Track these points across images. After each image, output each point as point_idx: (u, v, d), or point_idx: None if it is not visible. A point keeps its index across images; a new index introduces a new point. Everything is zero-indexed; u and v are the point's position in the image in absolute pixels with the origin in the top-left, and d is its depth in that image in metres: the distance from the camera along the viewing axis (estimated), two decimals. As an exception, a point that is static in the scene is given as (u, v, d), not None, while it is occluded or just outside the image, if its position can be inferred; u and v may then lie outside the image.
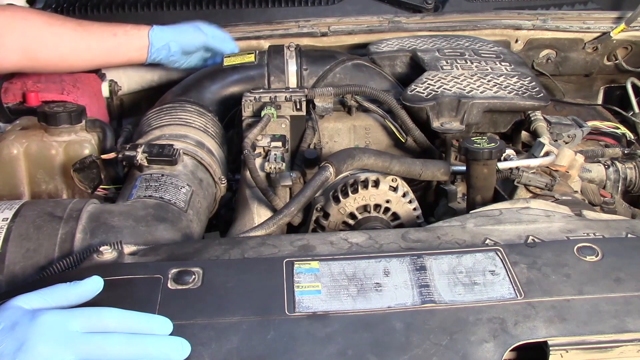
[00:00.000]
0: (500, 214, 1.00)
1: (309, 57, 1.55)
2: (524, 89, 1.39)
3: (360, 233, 0.96)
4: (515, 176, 1.16)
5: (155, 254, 0.92)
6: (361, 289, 0.83)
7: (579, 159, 1.21)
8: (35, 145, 1.27)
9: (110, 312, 0.75)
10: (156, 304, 0.79)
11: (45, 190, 1.28)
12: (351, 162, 1.13)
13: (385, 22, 1.75)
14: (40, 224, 1.00)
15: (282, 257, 0.88)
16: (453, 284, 0.83)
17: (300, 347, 0.75)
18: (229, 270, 0.85)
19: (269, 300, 0.81)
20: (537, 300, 0.80)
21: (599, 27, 1.73)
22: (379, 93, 1.40)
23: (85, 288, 0.79)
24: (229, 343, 0.75)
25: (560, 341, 0.76)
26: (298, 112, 1.35)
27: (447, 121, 1.35)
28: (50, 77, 1.47)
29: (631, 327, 0.77)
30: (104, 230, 1.02)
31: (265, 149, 1.27)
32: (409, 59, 1.58)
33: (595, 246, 0.88)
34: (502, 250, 0.88)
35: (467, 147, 1.10)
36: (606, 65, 1.79)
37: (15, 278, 0.95)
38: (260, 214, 1.19)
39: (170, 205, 1.12)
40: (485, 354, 0.74)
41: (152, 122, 1.37)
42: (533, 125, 1.40)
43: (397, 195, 1.16)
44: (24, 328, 0.71)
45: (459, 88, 1.38)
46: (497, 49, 1.58)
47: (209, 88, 1.51)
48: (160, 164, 1.20)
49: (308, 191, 1.08)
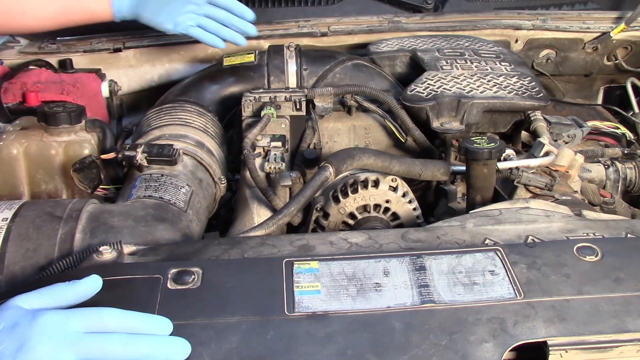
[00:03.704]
0: (500, 214, 1.00)
1: (309, 57, 1.55)
2: (524, 89, 1.39)
3: (360, 233, 0.96)
4: (515, 176, 1.16)
5: (155, 254, 0.92)
6: (361, 289, 0.83)
7: (579, 159, 1.21)
8: (35, 145, 1.27)
9: (110, 312, 0.75)
10: (156, 304, 0.79)
11: (45, 190, 1.28)
12: (351, 162, 1.13)
13: (385, 22, 1.75)
14: (40, 224, 1.00)
15: (281, 257, 0.88)
16: (453, 284, 0.83)
17: (300, 347, 0.75)
18: (229, 270, 0.85)
19: (269, 300, 0.81)
20: (536, 300, 0.80)
21: (599, 27, 1.73)
22: (378, 93, 1.40)
23: (84, 287, 0.79)
24: (229, 343, 0.75)
25: (560, 341, 0.76)
26: (298, 112, 1.35)
27: (447, 121, 1.35)
28: (50, 77, 1.47)
29: (631, 327, 0.77)
30: (103, 230, 1.02)
31: (265, 149, 1.27)
32: (408, 59, 1.58)
33: (595, 246, 0.88)
34: (501, 250, 0.88)
35: (467, 147, 1.10)
36: (606, 65, 1.79)
37: (15, 278, 0.95)
38: (260, 214, 1.19)
39: (170, 205, 1.12)
40: (485, 354, 0.74)
41: (152, 122, 1.37)
42: (533, 125, 1.40)
43: (396, 195, 1.16)
44: (24, 328, 0.71)
45: (459, 88, 1.38)
46: (497, 49, 1.58)
47: (209, 88, 1.51)
48: (160, 164, 1.20)
49: (308, 191, 1.08)
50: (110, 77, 1.58)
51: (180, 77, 1.64)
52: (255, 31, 1.49)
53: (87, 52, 1.64)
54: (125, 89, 1.64)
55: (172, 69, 1.69)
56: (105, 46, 1.65)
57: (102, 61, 1.64)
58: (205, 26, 1.44)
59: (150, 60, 1.68)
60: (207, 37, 1.45)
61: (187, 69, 1.68)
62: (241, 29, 1.47)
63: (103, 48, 1.65)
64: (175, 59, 1.69)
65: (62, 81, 1.46)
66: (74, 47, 1.64)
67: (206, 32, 1.45)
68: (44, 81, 1.45)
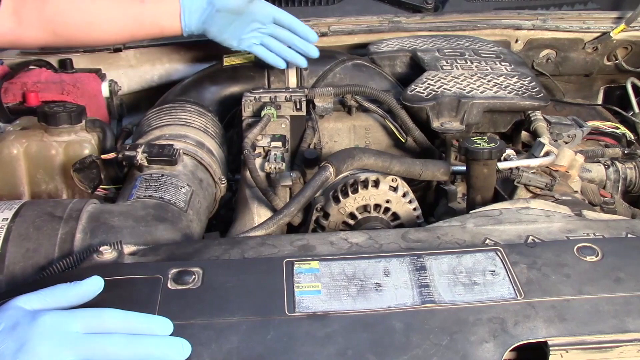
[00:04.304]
0: (500, 214, 1.00)
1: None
2: (524, 89, 1.39)
3: (360, 233, 0.96)
4: (515, 176, 1.16)
5: (155, 254, 0.92)
6: (361, 289, 0.83)
7: (579, 159, 1.21)
8: (35, 145, 1.27)
9: (110, 313, 0.75)
10: (156, 304, 0.79)
11: (45, 190, 1.28)
12: (351, 162, 1.13)
13: (385, 22, 1.75)
14: (40, 224, 1.00)
15: (282, 257, 0.88)
16: (453, 284, 0.83)
17: (300, 347, 0.75)
18: (229, 270, 0.85)
19: (269, 300, 0.81)
20: (537, 300, 0.80)
21: (599, 27, 1.73)
22: (378, 93, 1.40)
23: (86, 288, 0.79)
24: (229, 343, 0.75)
25: (560, 341, 0.76)
26: (298, 112, 1.35)
27: (447, 121, 1.35)
28: (50, 77, 1.47)
29: (631, 327, 0.77)
30: (104, 230, 1.02)
31: (265, 149, 1.27)
32: (409, 59, 1.58)
33: (595, 246, 0.88)
34: (502, 250, 0.88)
35: (467, 147, 1.10)
36: (606, 65, 1.79)
37: (15, 278, 0.95)
38: (260, 214, 1.19)
39: (170, 205, 1.12)
40: (485, 354, 0.74)
41: (152, 122, 1.37)
42: (533, 125, 1.40)
43: (397, 195, 1.16)
44: (24, 329, 0.71)
45: (459, 88, 1.38)
46: (497, 49, 1.58)
47: (209, 88, 1.51)
48: (160, 164, 1.20)
49: (308, 191, 1.08)
50: (111, 77, 1.58)
51: (180, 77, 1.64)
52: (317, 53, 1.49)
53: (87, 52, 1.64)
54: (126, 89, 1.64)
55: (172, 69, 1.69)
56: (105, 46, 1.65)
57: (102, 61, 1.64)
58: (269, 45, 1.45)
59: (150, 60, 1.68)
60: (269, 56, 1.46)
61: (187, 69, 1.68)
62: (303, 50, 1.47)
63: (103, 48, 1.65)
64: (175, 59, 1.69)
65: (62, 81, 1.46)
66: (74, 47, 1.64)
67: (268, 51, 1.46)
68: (44, 81, 1.45)
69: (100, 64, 1.63)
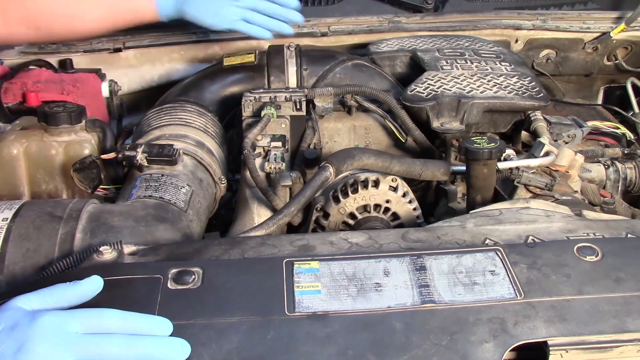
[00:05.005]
0: (500, 214, 1.00)
1: (309, 57, 1.55)
2: (524, 89, 1.39)
3: (360, 233, 0.96)
4: (515, 176, 1.16)
5: (155, 254, 0.92)
6: (361, 289, 0.83)
7: (579, 159, 1.21)
8: (35, 145, 1.27)
9: (110, 313, 0.75)
10: (156, 304, 0.79)
11: (45, 190, 1.28)
12: (351, 162, 1.13)
13: (385, 22, 1.75)
14: (40, 224, 1.00)
15: (282, 257, 0.88)
16: (453, 284, 0.83)
17: (300, 347, 0.75)
18: (229, 270, 0.85)
19: (269, 300, 0.81)
20: (537, 300, 0.80)
21: (599, 27, 1.73)
22: (378, 93, 1.40)
23: (85, 288, 0.79)
24: (229, 343, 0.75)
25: (560, 341, 0.76)
26: (298, 112, 1.35)
27: (447, 121, 1.35)
28: (50, 77, 1.47)
29: (631, 327, 0.77)
30: (104, 230, 1.02)
31: (265, 149, 1.27)
32: (409, 59, 1.58)
33: (595, 246, 0.88)
34: (502, 250, 0.88)
35: (467, 147, 1.10)
36: (606, 65, 1.79)
37: (15, 278, 0.95)
38: (260, 214, 1.19)
39: (170, 205, 1.12)
40: (485, 354, 0.74)
41: (152, 122, 1.37)
42: (533, 125, 1.40)
43: (397, 195, 1.16)
44: (24, 329, 0.71)
45: (459, 88, 1.38)
46: (497, 49, 1.58)
47: (209, 88, 1.51)
48: (160, 164, 1.20)
49: (308, 191, 1.08)
50: (111, 77, 1.58)
51: (180, 77, 1.64)
52: (302, 18, 1.46)
53: (87, 52, 1.64)
54: (126, 89, 1.64)
55: (172, 69, 1.68)
56: (105, 46, 1.65)
57: (102, 61, 1.64)
58: (251, 19, 1.44)
59: (150, 60, 1.68)
60: (253, 30, 1.44)
61: (187, 69, 1.68)
62: (287, 17, 1.46)
63: (103, 48, 1.65)
64: (175, 59, 1.69)
65: (62, 81, 1.46)
66: (74, 47, 1.64)
67: (252, 25, 1.44)
68: (44, 81, 1.45)
69: (100, 64, 1.63)
